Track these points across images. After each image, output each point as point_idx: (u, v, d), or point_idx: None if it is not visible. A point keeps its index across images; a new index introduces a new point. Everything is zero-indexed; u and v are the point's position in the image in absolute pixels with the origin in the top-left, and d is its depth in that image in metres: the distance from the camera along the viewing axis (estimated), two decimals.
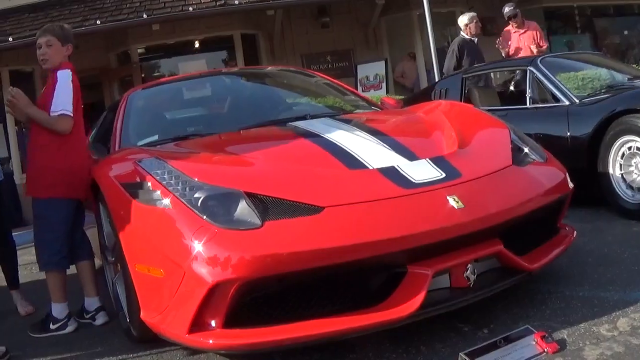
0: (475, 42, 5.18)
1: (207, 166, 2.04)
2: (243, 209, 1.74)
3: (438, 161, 1.98)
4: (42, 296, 2.96)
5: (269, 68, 4.52)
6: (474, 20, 5.13)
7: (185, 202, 1.80)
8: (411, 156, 2.01)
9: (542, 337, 1.74)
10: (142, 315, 1.97)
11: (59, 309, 2.57)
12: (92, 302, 2.63)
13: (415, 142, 2.17)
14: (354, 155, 2.02)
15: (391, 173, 1.90)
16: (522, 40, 5.30)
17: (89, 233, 3.21)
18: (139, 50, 7.62)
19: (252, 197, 1.78)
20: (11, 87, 2.56)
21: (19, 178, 7.06)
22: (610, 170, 3.06)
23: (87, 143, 3.38)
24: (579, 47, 8.49)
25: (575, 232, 2.31)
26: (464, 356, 1.68)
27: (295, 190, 1.81)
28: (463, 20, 5.22)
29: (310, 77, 3.57)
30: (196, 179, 1.88)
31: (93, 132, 3.65)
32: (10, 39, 6.52)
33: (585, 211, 3.17)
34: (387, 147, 2.08)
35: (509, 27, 5.43)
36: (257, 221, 1.70)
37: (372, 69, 7.22)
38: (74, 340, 2.45)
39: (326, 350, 1.88)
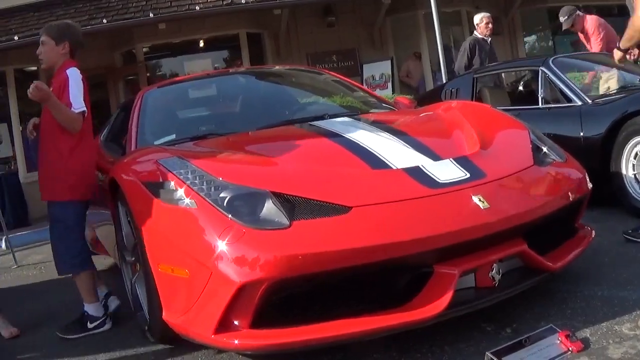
0: (489, 41, 5.13)
1: (231, 165, 2.04)
2: (270, 208, 1.74)
3: (462, 161, 1.99)
4: (54, 296, 2.96)
5: (279, 67, 4.51)
6: (484, 21, 5.09)
7: (211, 202, 1.80)
8: (434, 156, 2.02)
9: (567, 336, 1.75)
10: (164, 315, 1.96)
11: (93, 308, 2.57)
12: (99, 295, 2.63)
13: (437, 142, 2.17)
14: (377, 155, 2.02)
15: (416, 173, 1.91)
16: (590, 44, 5.00)
17: (102, 230, 3.21)
18: (144, 50, 7.62)
19: (279, 197, 1.77)
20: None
21: (23, 177, 7.05)
22: (623, 171, 3.07)
23: (98, 142, 3.39)
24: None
25: (593, 232, 2.32)
26: (490, 355, 1.69)
27: (322, 190, 1.81)
28: (475, 19, 5.20)
29: (324, 77, 3.57)
30: (220, 179, 1.88)
31: (104, 131, 3.63)
32: (16, 37, 6.51)
33: (598, 211, 3.17)
34: (410, 147, 2.09)
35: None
36: (285, 221, 1.70)
37: (377, 69, 7.24)
38: (90, 341, 2.44)
39: (349, 349, 1.89)
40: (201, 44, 7.73)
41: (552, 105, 3.55)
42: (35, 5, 7.22)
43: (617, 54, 2.90)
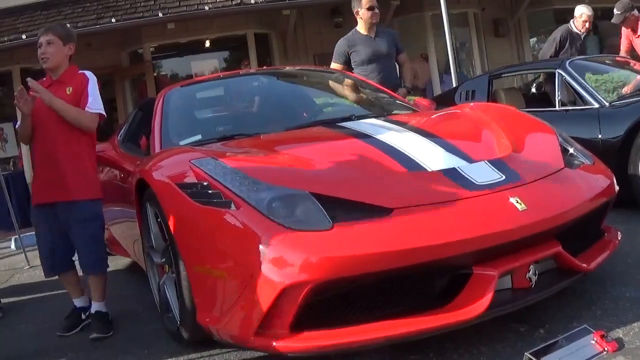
0: (582, 37, 4.78)
1: (267, 166, 2.03)
2: (311, 210, 1.74)
3: (496, 163, 2.01)
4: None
5: (294, 68, 4.51)
6: (584, 17, 4.70)
7: (251, 203, 1.79)
8: (468, 158, 2.03)
9: (602, 336, 1.77)
10: (198, 317, 1.95)
11: (83, 301, 2.71)
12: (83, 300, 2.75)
13: (469, 144, 2.18)
14: (411, 156, 2.03)
15: (454, 175, 1.92)
16: (637, 43, 4.72)
17: (119, 229, 3.21)
18: (151, 49, 7.60)
19: (319, 198, 1.77)
20: (21, 86, 2.49)
21: (30, 177, 7.01)
22: None
23: (116, 143, 3.38)
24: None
25: (619, 233, 2.35)
26: (529, 356, 1.70)
27: (361, 191, 1.81)
28: (576, 11, 4.79)
29: (343, 77, 3.57)
30: (258, 180, 1.87)
31: (122, 131, 3.61)
32: (23, 36, 6.49)
33: (617, 213, 3.19)
34: (442, 148, 2.10)
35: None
36: (327, 223, 1.70)
37: None
38: (117, 344, 2.43)
39: (386, 351, 1.88)
40: (208, 44, 7.73)
41: (569, 108, 3.57)
42: (43, 4, 7.19)
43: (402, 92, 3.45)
